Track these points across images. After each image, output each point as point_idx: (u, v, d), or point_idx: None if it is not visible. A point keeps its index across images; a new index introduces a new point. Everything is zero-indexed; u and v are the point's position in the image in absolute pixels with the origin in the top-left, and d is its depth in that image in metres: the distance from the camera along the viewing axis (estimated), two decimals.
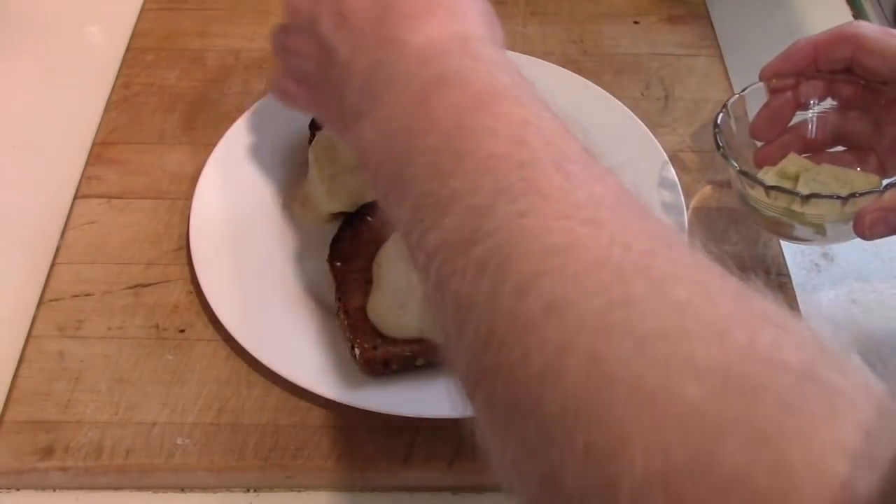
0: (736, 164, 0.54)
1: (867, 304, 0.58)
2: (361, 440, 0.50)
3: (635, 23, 0.76)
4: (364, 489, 0.50)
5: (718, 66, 0.72)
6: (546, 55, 0.71)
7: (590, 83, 0.67)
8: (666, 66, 0.72)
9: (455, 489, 0.50)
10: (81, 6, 0.78)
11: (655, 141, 0.63)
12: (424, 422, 0.50)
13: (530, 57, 0.70)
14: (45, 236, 0.60)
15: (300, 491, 0.50)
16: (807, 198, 0.51)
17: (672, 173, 0.61)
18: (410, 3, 0.42)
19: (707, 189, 0.62)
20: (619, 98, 0.66)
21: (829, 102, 0.57)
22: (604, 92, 0.67)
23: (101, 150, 0.65)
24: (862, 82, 0.55)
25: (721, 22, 0.76)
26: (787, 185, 0.55)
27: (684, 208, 0.58)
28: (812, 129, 0.58)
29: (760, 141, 0.58)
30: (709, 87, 0.70)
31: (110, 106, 0.68)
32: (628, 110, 0.65)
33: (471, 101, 0.37)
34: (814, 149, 0.58)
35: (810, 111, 0.57)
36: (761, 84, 0.57)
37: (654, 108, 0.69)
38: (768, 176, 0.56)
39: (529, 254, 0.31)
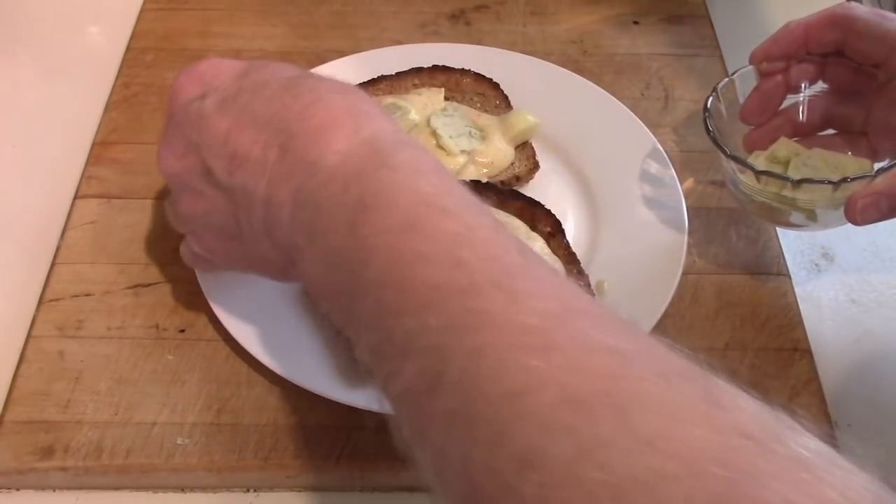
0: (726, 149, 0.54)
1: (867, 304, 0.58)
2: (361, 440, 0.50)
3: (635, 23, 0.76)
4: (364, 489, 0.50)
5: (718, 66, 0.72)
6: (546, 55, 0.71)
7: (590, 83, 0.67)
8: (666, 66, 0.72)
9: None
10: (81, 6, 0.78)
11: (655, 141, 0.63)
12: None
13: (530, 57, 0.70)
14: (45, 236, 0.60)
15: (300, 491, 0.50)
16: (797, 183, 0.51)
17: (672, 173, 0.61)
18: (309, 119, 0.41)
19: (707, 188, 0.62)
20: (619, 98, 0.66)
21: (819, 86, 0.57)
22: (604, 92, 0.67)
23: (101, 150, 0.65)
24: (853, 65, 0.55)
25: (721, 22, 0.76)
26: (777, 169, 0.55)
27: (684, 208, 0.58)
28: (803, 112, 0.58)
29: (751, 125, 0.58)
30: (709, 87, 0.69)
31: (110, 106, 0.68)
32: (628, 110, 0.65)
33: (398, 223, 0.36)
34: (804, 132, 0.58)
35: (801, 94, 0.57)
36: (751, 67, 0.57)
37: (654, 108, 0.69)
38: (759, 160, 0.56)
39: (490, 400, 0.30)
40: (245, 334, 0.52)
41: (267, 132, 0.41)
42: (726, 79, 0.57)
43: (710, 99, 0.56)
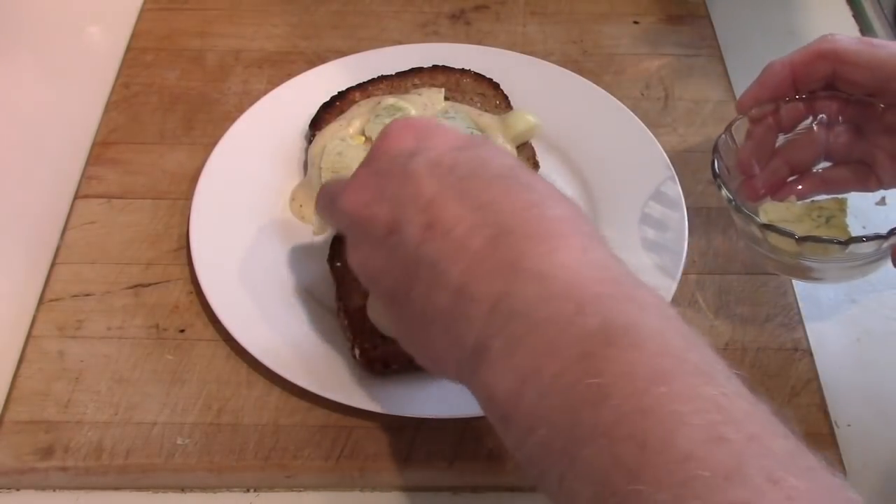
0: (731, 196, 0.52)
1: (867, 304, 0.58)
2: (361, 440, 0.50)
3: (635, 23, 0.76)
4: (364, 489, 0.50)
5: (718, 66, 0.72)
6: (546, 55, 0.71)
7: (590, 83, 0.67)
8: (666, 66, 0.72)
9: (455, 489, 0.50)
10: (81, 6, 0.78)
11: (655, 141, 0.63)
12: (424, 422, 0.50)
13: (530, 57, 0.70)
14: (45, 236, 0.60)
15: (300, 491, 0.50)
16: (803, 240, 0.49)
17: (672, 173, 0.61)
18: (529, 221, 0.37)
19: (707, 188, 0.62)
20: (619, 98, 0.66)
21: (810, 121, 0.55)
22: (604, 92, 0.67)
23: (101, 150, 0.65)
24: (844, 97, 0.53)
25: (721, 22, 0.76)
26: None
27: (684, 208, 0.58)
28: (799, 148, 0.56)
29: (750, 174, 0.55)
30: (709, 87, 0.70)
31: (110, 106, 0.68)
32: (628, 110, 0.65)
33: (647, 370, 0.31)
34: (803, 168, 0.56)
35: (795, 132, 0.55)
36: (744, 118, 0.55)
37: (654, 108, 0.69)
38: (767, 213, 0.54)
39: None
40: (245, 334, 0.52)
41: (477, 216, 0.37)
42: (741, 117, 0.55)
43: (722, 137, 0.54)
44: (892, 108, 0.52)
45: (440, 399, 0.50)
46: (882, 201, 0.55)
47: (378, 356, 0.51)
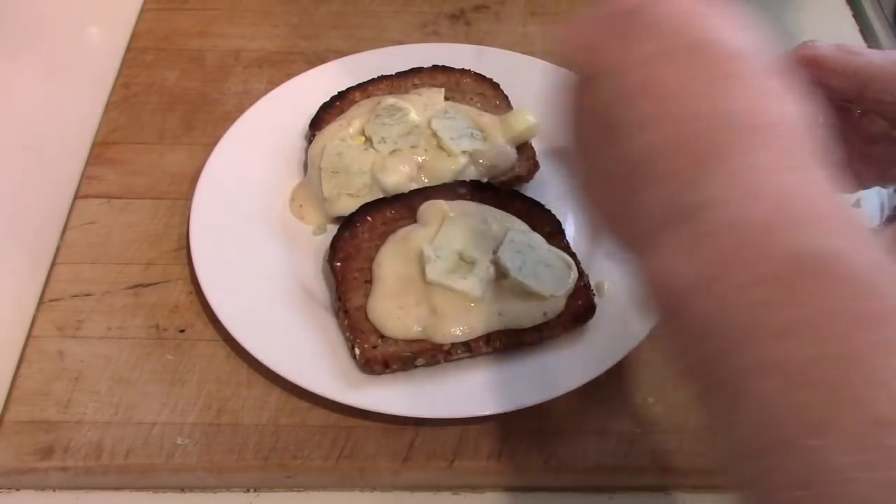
0: None
1: None
2: (361, 440, 0.50)
3: None
4: (364, 489, 0.50)
5: None
6: (546, 55, 0.71)
7: None
8: None
9: (455, 489, 0.50)
10: (81, 6, 0.78)
11: None
12: (424, 422, 0.50)
13: (530, 57, 0.70)
14: (45, 236, 0.60)
15: (300, 491, 0.50)
16: None
17: None
18: (753, 114, 0.33)
19: None
20: None
21: None
22: None
23: (101, 150, 0.65)
24: (822, 102, 0.54)
25: None
26: None
27: None
28: None
29: None
30: None
31: (110, 106, 0.68)
32: None
33: (851, 311, 0.28)
34: None
35: None
36: None
37: None
38: None
39: None
40: (245, 334, 0.52)
41: (695, 89, 0.34)
42: None
43: None
44: (868, 113, 0.53)
45: (440, 399, 0.50)
46: (857, 203, 0.56)
47: (378, 356, 0.51)
